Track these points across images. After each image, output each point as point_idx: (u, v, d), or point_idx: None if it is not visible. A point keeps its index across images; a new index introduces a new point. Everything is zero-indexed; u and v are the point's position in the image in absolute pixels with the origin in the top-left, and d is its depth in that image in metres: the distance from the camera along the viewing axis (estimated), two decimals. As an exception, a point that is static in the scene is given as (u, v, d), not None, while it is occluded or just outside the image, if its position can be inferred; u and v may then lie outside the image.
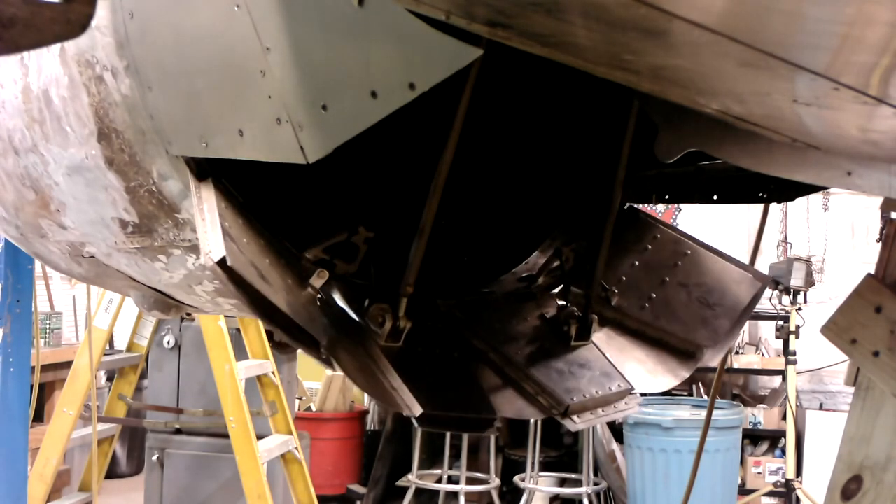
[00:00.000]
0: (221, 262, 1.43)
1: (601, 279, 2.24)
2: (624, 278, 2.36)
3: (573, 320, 2.18)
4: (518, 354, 2.07)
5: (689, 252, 2.39)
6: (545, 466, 7.77)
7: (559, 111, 2.48)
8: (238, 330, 5.45)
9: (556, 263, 2.43)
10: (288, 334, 1.55)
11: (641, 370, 2.23)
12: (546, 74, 2.21)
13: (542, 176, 2.55)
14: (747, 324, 8.90)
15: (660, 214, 8.49)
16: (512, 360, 2.04)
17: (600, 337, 2.25)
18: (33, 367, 4.18)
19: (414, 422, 1.76)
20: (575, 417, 2.03)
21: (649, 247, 2.42)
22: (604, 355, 2.20)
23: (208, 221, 1.51)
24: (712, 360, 2.25)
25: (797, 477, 7.46)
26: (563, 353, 2.15)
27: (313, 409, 8.72)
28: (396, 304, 1.81)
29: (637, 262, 2.40)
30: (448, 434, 7.55)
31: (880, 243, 2.07)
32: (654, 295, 2.34)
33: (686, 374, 2.24)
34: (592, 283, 2.22)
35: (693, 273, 2.35)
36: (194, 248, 1.79)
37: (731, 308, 2.29)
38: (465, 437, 7.16)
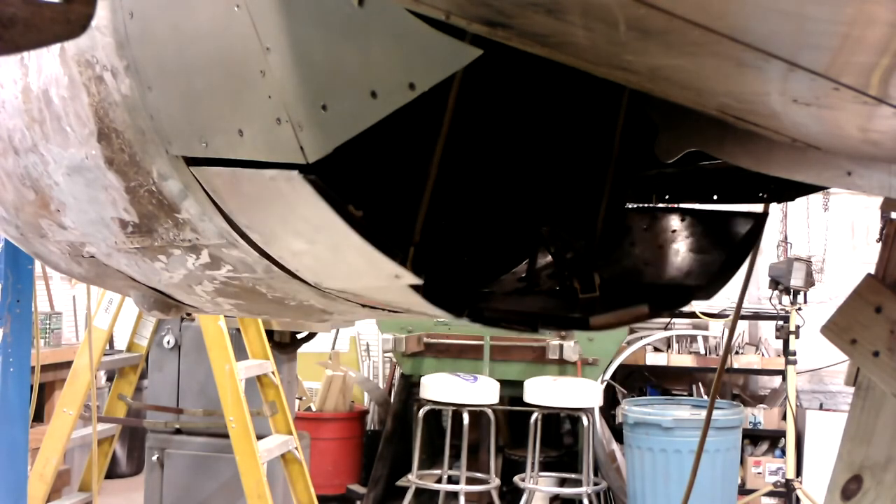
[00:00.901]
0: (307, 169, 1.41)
1: (596, 270, 2.26)
2: (621, 259, 2.38)
3: (575, 278, 2.20)
4: (529, 308, 2.09)
5: (686, 218, 2.39)
6: (545, 466, 7.77)
7: (557, 111, 2.48)
8: (238, 330, 5.45)
9: (556, 262, 2.43)
10: (368, 237, 1.54)
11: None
12: (544, 73, 2.21)
13: (542, 175, 2.55)
14: (747, 324, 8.90)
15: (660, 214, 8.48)
16: (524, 312, 2.06)
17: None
18: (33, 367, 4.19)
19: (467, 319, 1.76)
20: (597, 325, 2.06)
21: (645, 227, 2.43)
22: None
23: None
24: (710, 293, 2.24)
25: (797, 477, 7.46)
26: (572, 302, 2.17)
27: (313, 409, 8.72)
28: (405, 259, 1.81)
29: (633, 242, 2.41)
30: (448, 434, 7.56)
31: (880, 243, 2.08)
32: (649, 261, 2.34)
33: (682, 306, 2.25)
34: (593, 278, 2.23)
35: (689, 232, 2.35)
36: (194, 248, 1.80)
37: (726, 245, 2.28)
38: (465, 437, 7.16)
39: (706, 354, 8.41)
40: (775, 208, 8.02)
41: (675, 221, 2.41)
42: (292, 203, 1.48)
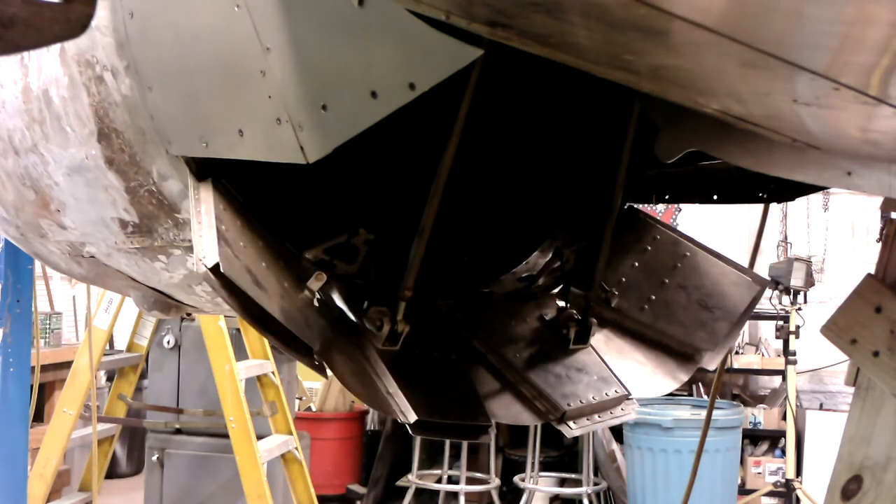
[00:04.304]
0: (214, 269, 1.43)
1: (601, 280, 2.24)
2: (623, 279, 2.36)
3: (572, 323, 2.17)
4: (516, 357, 2.07)
5: (688, 254, 2.39)
6: (545, 466, 7.77)
7: (560, 111, 2.48)
8: (238, 330, 5.45)
9: (557, 264, 2.43)
10: (281, 341, 1.54)
11: (641, 373, 2.22)
12: (547, 74, 2.21)
13: (543, 176, 2.55)
14: (747, 324, 8.90)
15: (660, 214, 8.50)
16: (510, 363, 2.04)
17: (599, 338, 2.25)
18: (33, 367, 4.18)
19: (409, 429, 1.75)
20: (571, 423, 2.02)
21: (649, 248, 2.42)
22: (602, 359, 2.19)
23: (204, 225, 1.51)
24: (711, 363, 2.25)
25: (797, 477, 7.45)
26: (561, 356, 2.14)
27: (313, 409, 8.72)
28: (395, 308, 1.80)
29: (637, 263, 2.40)
30: (448, 434, 7.55)
31: (880, 243, 2.07)
32: (654, 297, 2.33)
33: (685, 378, 2.24)
34: (592, 284, 2.21)
35: (692, 275, 2.35)
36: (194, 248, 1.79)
37: (730, 311, 2.29)
38: (465, 437, 7.15)
39: (706, 354, 8.40)
40: (775, 208, 8.02)
41: (677, 252, 2.40)
42: None
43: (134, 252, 1.92)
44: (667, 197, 2.54)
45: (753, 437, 8.33)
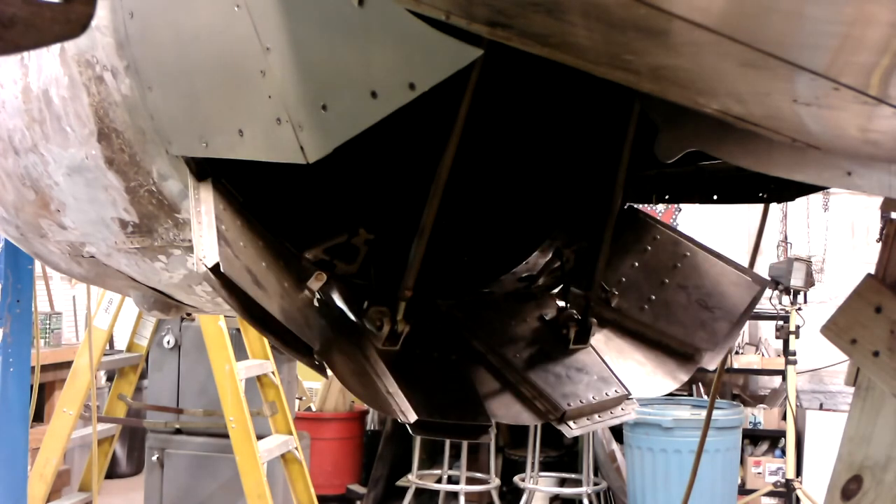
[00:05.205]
0: (214, 269, 1.43)
1: (601, 280, 2.24)
2: (623, 279, 2.36)
3: (572, 323, 2.17)
4: (517, 357, 2.07)
5: (688, 254, 2.39)
6: (545, 466, 7.77)
7: (560, 112, 2.48)
8: (238, 330, 5.45)
9: (557, 264, 2.43)
10: (281, 341, 1.54)
11: (641, 373, 2.22)
12: (547, 74, 2.21)
13: (543, 176, 2.55)
14: (747, 324, 8.90)
15: (660, 214, 8.50)
16: (510, 363, 2.04)
17: (599, 338, 2.25)
18: (33, 367, 4.18)
19: (409, 428, 1.75)
20: (571, 423, 2.02)
21: (649, 248, 2.42)
22: (602, 359, 2.19)
23: (204, 225, 1.51)
24: (711, 363, 2.25)
25: (797, 477, 7.46)
26: (561, 356, 2.14)
27: (313, 409, 8.72)
28: (395, 308, 1.80)
29: (636, 263, 2.39)
30: (448, 434, 7.55)
31: (880, 243, 2.07)
32: (654, 296, 2.33)
33: (685, 378, 2.24)
34: (592, 284, 2.21)
35: (692, 275, 2.35)
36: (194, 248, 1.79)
37: (730, 311, 2.29)
38: (465, 437, 7.15)
39: (706, 354, 8.39)
40: (775, 208, 8.02)
41: (677, 252, 2.40)
42: None
43: (134, 252, 1.92)
44: (667, 197, 2.54)
45: (753, 437, 8.33)
